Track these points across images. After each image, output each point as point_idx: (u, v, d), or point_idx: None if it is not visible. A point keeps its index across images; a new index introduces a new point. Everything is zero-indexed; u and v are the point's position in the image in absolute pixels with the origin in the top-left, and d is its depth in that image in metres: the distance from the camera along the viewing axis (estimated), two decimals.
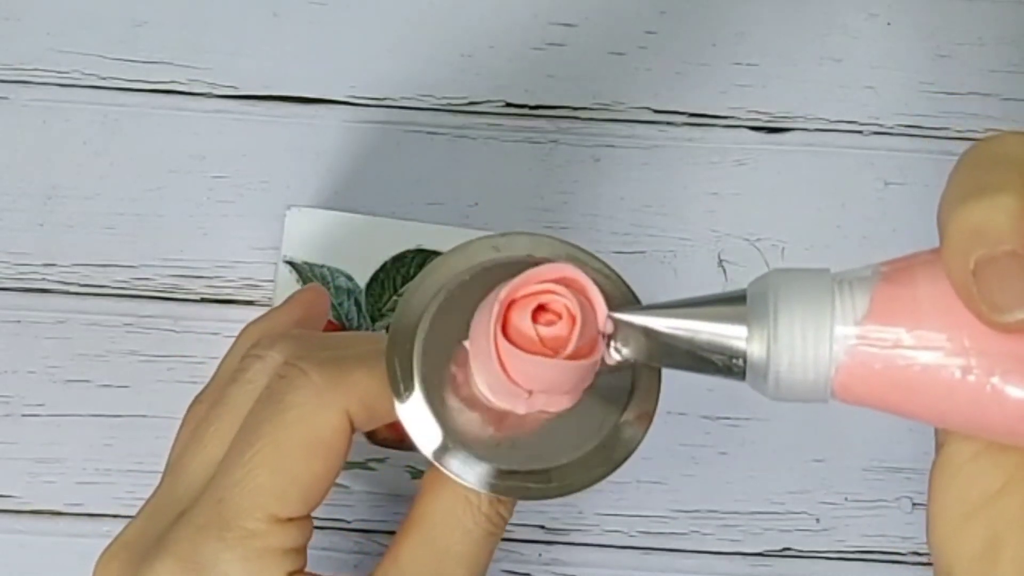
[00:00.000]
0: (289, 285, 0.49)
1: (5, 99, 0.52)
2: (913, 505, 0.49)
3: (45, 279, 0.51)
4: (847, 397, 0.30)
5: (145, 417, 0.49)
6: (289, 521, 0.35)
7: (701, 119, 0.53)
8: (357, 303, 0.49)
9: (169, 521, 0.36)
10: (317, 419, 0.35)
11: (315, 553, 0.38)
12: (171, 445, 0.39)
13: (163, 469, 0.39)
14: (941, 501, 0.31)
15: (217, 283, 0.51)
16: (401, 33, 0.54)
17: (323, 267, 0.50)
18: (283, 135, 0.52)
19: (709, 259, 0.51)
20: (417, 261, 0.50)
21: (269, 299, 0.50)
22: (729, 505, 0.49)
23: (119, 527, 0.38)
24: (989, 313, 0.27)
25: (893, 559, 0.49)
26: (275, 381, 0.36)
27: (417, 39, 0.54)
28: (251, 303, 0.50)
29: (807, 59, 0.54)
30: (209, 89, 0.53)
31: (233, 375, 0.38)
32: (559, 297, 0.32)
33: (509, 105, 0.53)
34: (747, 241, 0.52)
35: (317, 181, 0.52)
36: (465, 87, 0.53)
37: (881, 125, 0.53)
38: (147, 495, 0.38)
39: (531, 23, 0.54)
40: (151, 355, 0.50)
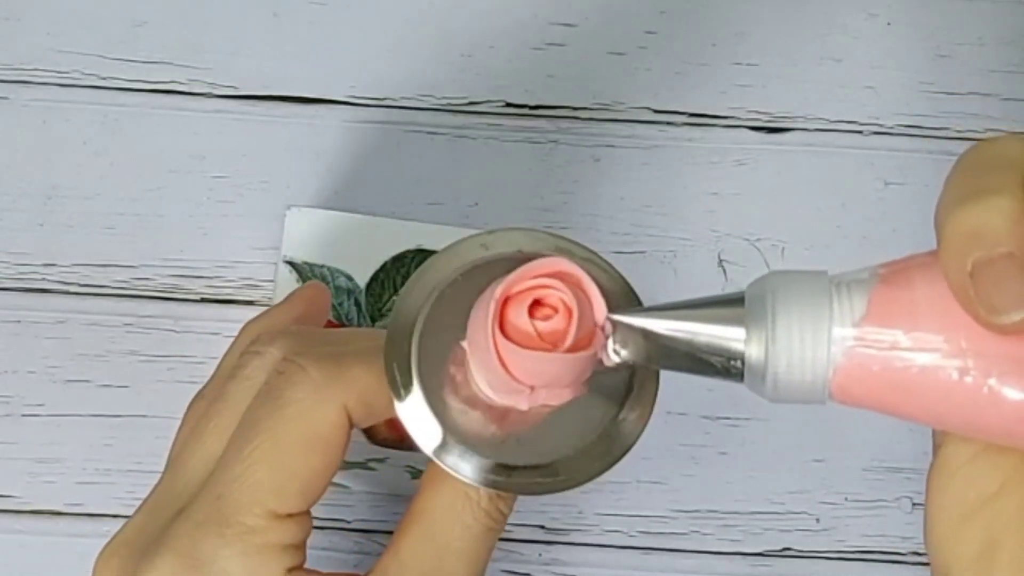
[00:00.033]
0: (289, 285, 0.49)
1: (5, 99, 0.52)
2: (913, 505, 0.49)
3: (45, 279, 0.51)
4: (845, 399, 0.30)
5: (145, 417, 0.49)
6: (288, 517, 0.35)
7: (701, 119, 0.53)
8: (357, 303, 0.49)
9: (169, 517, 0.36)
10: (315, 415, 0.35)
11: (315, 553, 0.38)
12: (171, 443, 0.40)
13: (163, 468, 0.39)
14: (939, 502, 0.31)
15: (217, 283, 0.51)
16: (401, 33, 0.54)
17: (323, 267, 0.50)
18: (283, 135, 0.52)
19: (709, 259, 0.51)
20: (417, 261, 0.50)
21: (269, 299, 0.50)
22: (729, 505, 0.49)
23: (119, 527, 0.38)
24: (986, 315, 0.27)
25: (893, 559, 0.49)
26: (274, 377, 0.36)
27: (417, 39, 0.54)
28: (251, 303, 0.50)
29: (807, 59, 0.54)
30: (209, 89, 0.53)
31: (232, 371, 0.38)
32: (554, 291, 0.32)
33: (509, 105, 0.53)
34: (747, 241, 0.52)
35: (317, 181, 0.52)
36: (465, 87, 0.53)
37: (881, 125, 0.53)
38: (147, 495, 0.39)
39: (531, 23, 0.54)
40: (151, 355, 0.50)
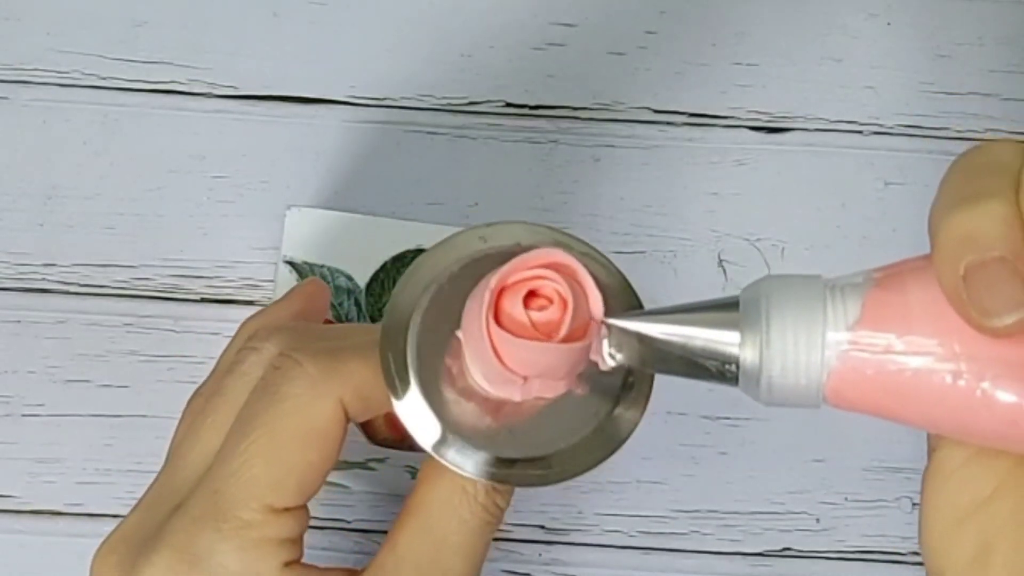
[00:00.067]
0: (289, 285, 0.49)
1: (5, 99, 0.52)
2: (913, 505, 0.49)
3: (45, 279, 0.51)
4: (839, 402, 0.30)
5: (145, 417, 0.49)
6: (285, 511, 0.35)
7: (701, 119, 0.53)
8: (357, 303, 0.49)
9: (166, 513, 0.36)
10: (312, 409, 0.35)
11: (315, 553, 0.38)
12: (170, 440, 0.40)
13: (162, 465, 0.39)
14: (933, 506, 0.32)
15: (217, 283, 0.51)
16: (401, 33, 0.54)
17: (323, 267, 0.50)
18: (283, 135, 0.52)
19: (709, 259, 0.51)
20: None
21: (269, 299, 0.50)
22: (729, 505, 0.49)
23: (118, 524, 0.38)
24: (979, 318, 0.27)
25: (893, 559, 0.49)
26: (270, 372, 0.36)
27: (417, 39, 0.54)
28: (251, 303, 0.50)
29: (807, 59, 0.54)
30: (209, 89, 0.53)
31: (230, 367, 0.38)
32: (549, 282, 0.32)
33: (509, 105, 0.53)
34: (747, 241, 0.52)
35: (317, 181, 0.52)
36: (465, 87, 0.53)
37: (881, 125, 0.53)
38: (145, 491, 0.39)
39: (531, 23, 0.54)
40: (151, 355, 0.50)
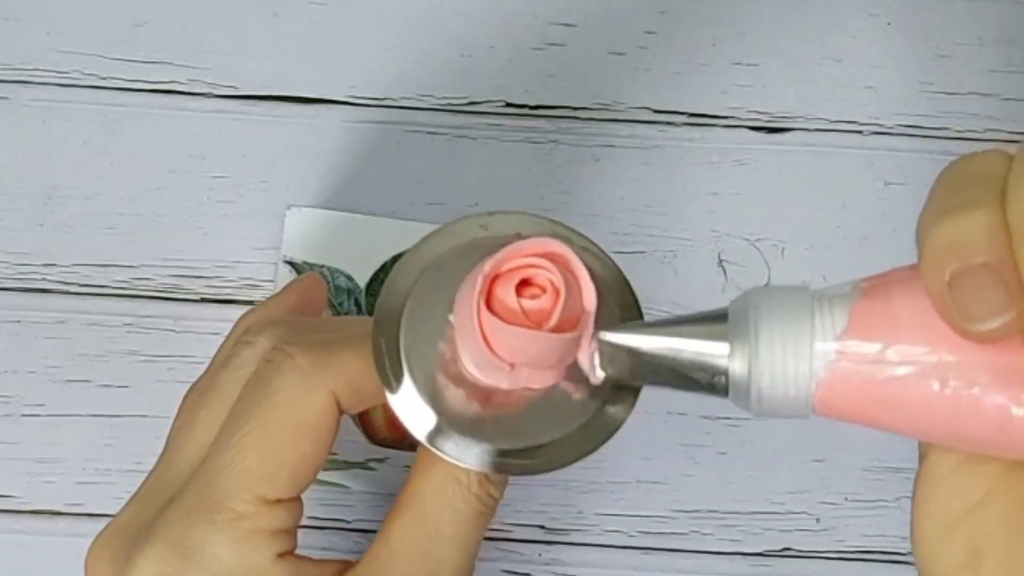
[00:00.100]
0: None
1: (5, 99, 0.52)
2: None
3: (45, 279, 0.51)
4: (828, 412, 0.30)
5: (145, 417, 0.49)
6: (278, 503, 0.35)
7: (701, 119, 0.53)
8: (357, 303, 0.49)
9: (160, 506, 0.36)
10: (304, 401, 0.35)
11: (315, 553, 0.38)
12: (166, 436, 0.40)
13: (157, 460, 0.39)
14: (924, 511, 0.32)
15: (217, 283, 0.51)
16: (401, 33, 0.54)
17: (323, 267, 0.50)
18: (283, 135, 0.52)
19: (709, 259, 0.51)
20: None
21: None
22: (729, 505, 0.49)
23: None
24: (963, 323, 0.27)
25: (893, 559, 0.49)
26: (263, 366, 0.36)
27: (417, 39, 0.54)
28: (251, 303, 0.50)
29: (807, 59, 0.54)
30: (209, 89, 0.53)
31: (224, 361, 0.38)
32: (543, 271, 0.32)
33: (509, 105, 0.53)
34: (747, 241, 0.52)
35: (317, 181, 0.52)
36: (465, 87, 0.53)
37: (881, 125, 0.53)
38: (140, 484, 0.39)
39: (531, 23, 0.54)
40: (151, 355, 0.50)
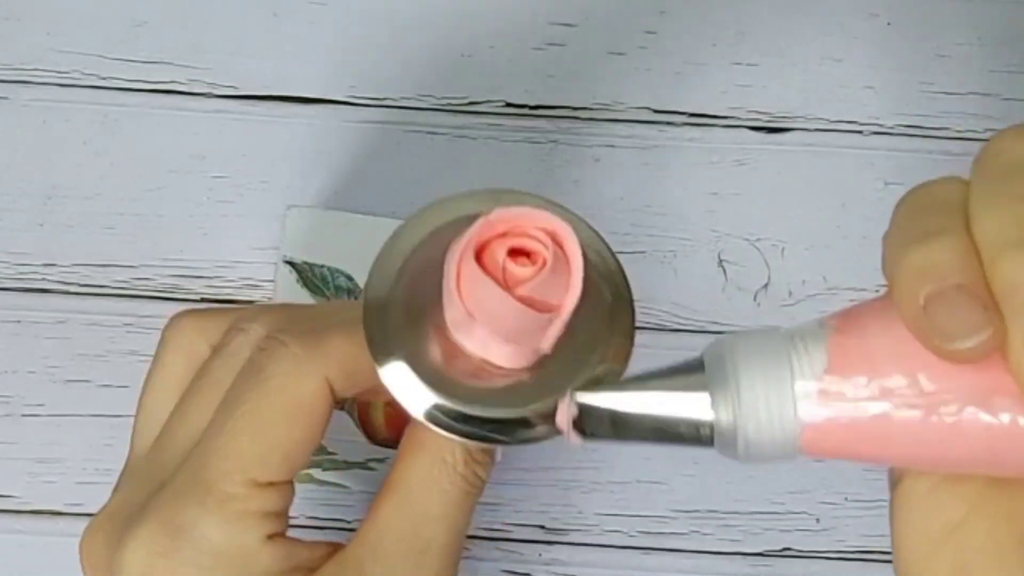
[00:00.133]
0: (289, 285, 0.49)
1: (5, 99, 0.52)
2: None
3: (45, 279, 0.51)
4: (815, 452, 0.30)
5: None
6: (269, 486, 0.35)
7: (701, 119, 0.53)
8: None
9: (152, 490, 0.36)
10: (298, 386, 0.35)
11: None
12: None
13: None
14: (905, 534, 0.32)
15: (217, 283, 0.51)
16: (401, 33, 0.54)
17: (323, 267, 0.50)
18: (283, 135, 0.52)
19: (709, 259, 0.51)
20: None
21: (269, 299, 0.50)
22: (729, 505, 0.49)
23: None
24: (943, 344, 0.27)
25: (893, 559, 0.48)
26: (256, 353, 0.36)
27: (417, 39, 0.54)
28: (251, 303, 0.50)
29: (807, 59, 0.54)
30: (209, 89, 0.53)
31: (217, 349, 0.38)
32: (542, 247, 0.32)
33: (509, 105, 0.53)
34: (747, 241, 0.52)
35: (317, 181, 0.52)
36: (465, 87, 0.53)
37: (881, 125, 0.53)
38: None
39: (531, 23, 0.54)
40: (151, 355, 0.50)
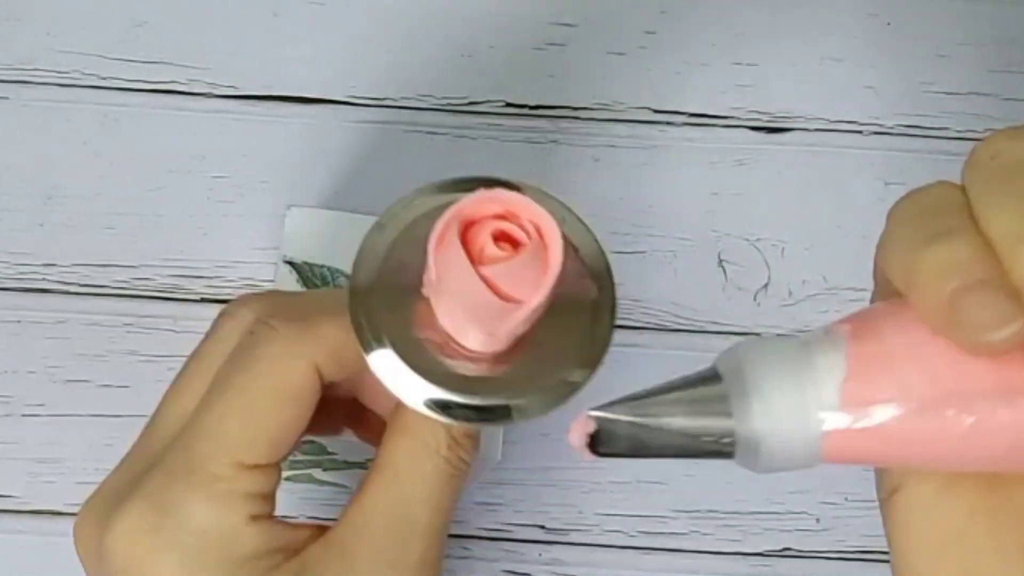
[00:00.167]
0: (289, 285, 0.49)
1: (5, 99, 0.52)
2: None
3: (45, 279, 0.51)
4: (839, 459, 0.30)
5: (145, 417, 0.49)
6: (255, 468, 0.36)
7: (701, 119, 0.53)
8: None
9: (142, 471, 0.37)
10: (286, 370, 0.36)
11: None
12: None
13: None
14: (906, 543, 0.31)
15: (217, 283, 0.51)
16: (401, 33, 0.54)
17: (323, 267, 0.50)
18: (283, 135, 0.52)
19: (709, 259, 0.51)
20: None
21: None
22: (729, 505, 0.49)
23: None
24: (973, 337, 0.27)
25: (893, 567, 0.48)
26: (246, 337, 0.37)
27: (417, 39, 0.54)
28: None
29: (807, 59, 0.54)
30: (209, 89, 0.53)
31: (207, 333, 0.39)
32: (526, 237, 0.32)
33: (509, 105, 0.53)
34: (747, 241, 0.52)
35: (317, 181, 0.52)
36: (465, 87, 0.53)
37: (881, 125, 0.53)
38: (124, 454, 0.39)
39: (531, 23, 0.54)
40: (151, 355, 0.50)
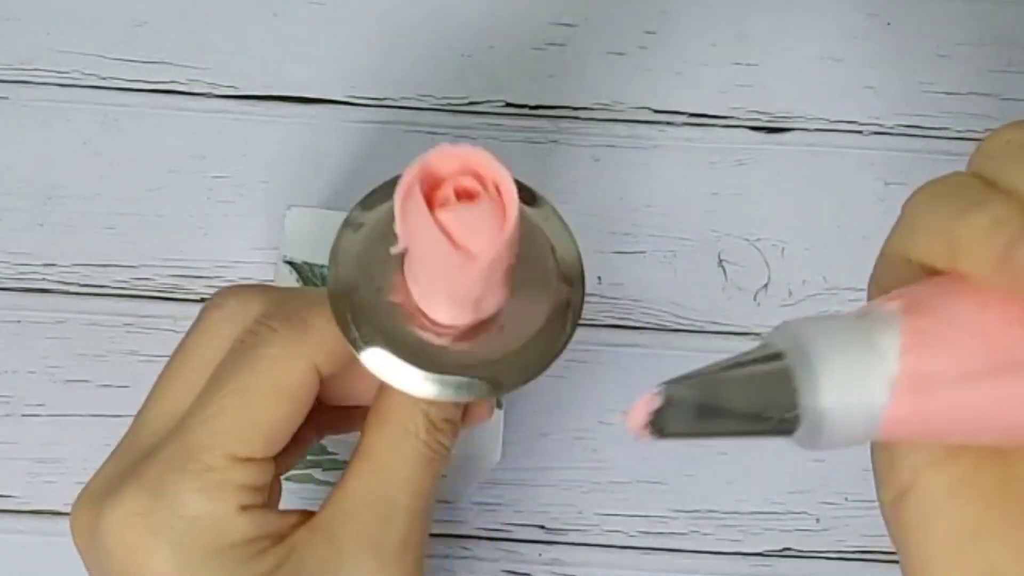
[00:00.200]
0: (289, 285, 0.49)
1: (5, 99, 0.52)
2: None
3: (45, 279, 0.51)
4: (897, 431, 0.30)
5: None
6: (249, 460, 0.36)
7: (701, 119, 0.53)
8: None
9: (137, 459, 0.37)
10: (286, 370, 0.37)
11: None
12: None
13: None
14: (919, 545, 0.31)
15: (217, 283, 0.51)
16: (401, 33, 0.54)
17: (323, 267, 0.50)
18: (283, 135, 0.52)
19: (709, 259, 0.51)
20: None
21: None
22: (729, 505, 0.49)
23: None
24: None
25: (893, 559, 0.48)
26: (247, 337, 0.38)
27: (417, 39, 0.54)
28: None
29: (807, 59, 0.54)
30: (209, 89, 0.53)
31: (193, 325, 0.39)
32: (482, 190, 0.32)
33: (509, 105, 0.53)
34: (747, 241, 0.52)
35: (317, 181, 0.52)
36: (465, 87, 0.53)
37: (881, 125, 0.53)
38: (115, 447, 0.39)
39: (531, 23, 0.54)
40: (151, 355, 0.50)
